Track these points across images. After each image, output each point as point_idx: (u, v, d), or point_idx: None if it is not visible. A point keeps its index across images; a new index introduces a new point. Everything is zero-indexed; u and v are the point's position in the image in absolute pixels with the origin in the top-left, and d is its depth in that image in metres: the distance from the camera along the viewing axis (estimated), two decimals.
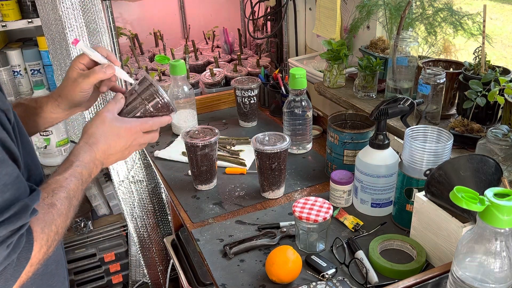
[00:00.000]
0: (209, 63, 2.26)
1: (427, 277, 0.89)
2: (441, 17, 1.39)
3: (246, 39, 2.52)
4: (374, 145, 1.16)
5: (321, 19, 1.76)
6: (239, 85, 1.69)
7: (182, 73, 1.62)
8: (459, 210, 0.92)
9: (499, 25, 2.63)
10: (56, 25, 1.67)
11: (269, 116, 1.84)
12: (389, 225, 1.18)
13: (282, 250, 1.02)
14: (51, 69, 2.13)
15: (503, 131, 1.05)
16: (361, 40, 1.74)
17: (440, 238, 0.99)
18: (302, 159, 1.52)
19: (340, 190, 1.23)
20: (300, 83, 1.45)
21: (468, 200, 0.68)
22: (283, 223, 1.19)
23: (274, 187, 1.30)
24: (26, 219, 0.68)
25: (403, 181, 1.10)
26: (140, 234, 2.05)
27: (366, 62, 1.48)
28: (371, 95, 1.52)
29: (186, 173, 1.46)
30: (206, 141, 1.28)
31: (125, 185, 1.91)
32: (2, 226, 0.64)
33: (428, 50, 1.49)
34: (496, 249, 0.70)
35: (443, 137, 1.09)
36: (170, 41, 2.43)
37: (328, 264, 1.03)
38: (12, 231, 0.66)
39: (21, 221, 0.67)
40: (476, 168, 0.96)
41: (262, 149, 1.24)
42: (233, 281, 1.03)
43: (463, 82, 1.26)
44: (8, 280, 0.68)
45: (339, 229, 1.17)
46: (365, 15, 1.56)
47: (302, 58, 1.93)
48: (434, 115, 1.30)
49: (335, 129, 1.32)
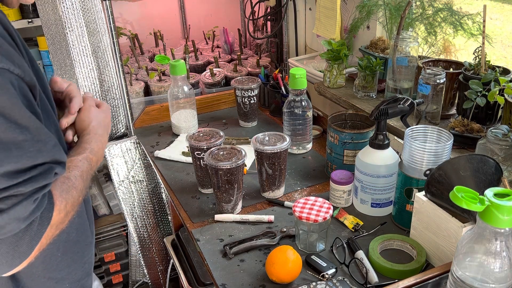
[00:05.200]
0: (209, 63, 2.26)
1: (427, 277, 0.89)
2: (441, 17, 1.39)
3: (246, 39, 2.52)
4: (374, 145, 1.16)
5: (321, 19, 1.76)
6: (239, 85, 1.69)
7: (182, 73, 1.62)
8: (459, 210, 0.93)
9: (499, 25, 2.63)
10: (56, 25, 1.67)
11: (269, 116, 1.84)
12: (389, 225, 1.18)
13: (282, 250, 1.02)
14: (51, 69, 2.13)
15: (503, 131, 1.05)
16: (361, 40, 1.74)
17: (440, 238, 0.99)
18: (302, 159, 1.52)
19: (340, 190, 1.23)
20: (300, 83, 1.45)
21: (468, 200, 0.68)
22: (288, 202, 1.28)
23: (274, 187, 1.30)
24: (50, 179, 0.74)
25: (403, 181, 1.10)
26: (140, 234, 2.05)
27: (366, 62, 1.48)
28: (371, 95, 1.52)
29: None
30: (211, 144, 1.28)
31: (125, 185, 1.91)
32: (29, 183, 0.70)
33: (428, 50, 1.49)
34: (496, 249, 0.70)
35: (443, 137, 1.09)
36: (170, 41, 2.43)
37: (328, 264, 1.03)
38: (37, 188, 0.71)
39: (45, 180, 0.73)
40: (476, 168, 0.96)
41: (262, 149, 1.24)
42: (233, 281, 1.03)
43: (463, 82, 1.26)
44: (32, 238, 0.72)
45: (339, 229, 1.17)
46: (365, 15, 1.56)
47: (302, 58, 1.93)
48: (434, 115, 1.30)
49: (335, 129, 1.32)
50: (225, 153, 1.21)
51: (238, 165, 1.18)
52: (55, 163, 0.75)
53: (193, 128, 1.69)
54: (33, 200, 0.71)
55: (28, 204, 0.70)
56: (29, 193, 0.70)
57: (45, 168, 0.73)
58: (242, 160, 1.19)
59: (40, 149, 0.72)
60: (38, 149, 0.71)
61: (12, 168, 0.68)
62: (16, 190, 0.68)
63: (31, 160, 0.70)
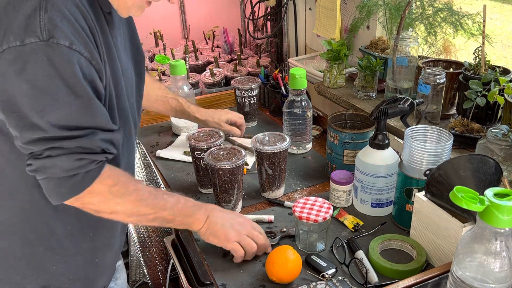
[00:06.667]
0: (209, 63, 2.26)
1: (427, 277, 0.89)
2: (441, 17, 1.39)
3: (246, 39, 2.52)
4: (374, 145, 1.16)
5: (321, 19, 1.76)
6: (239, 85, 1.69)
7: (182, 73, 1.62)
8: (459, 210, 0.92)
9: (499, 25, 2.63)
10: None
11: (269, 116, 1.84)
12: (389, 225, 1.18)
13: (282, 250, 1.02)
14: None
15: (503, 131, 1.05)
16: (361, 40, 1.74)
17: (440, 238, 0.99)
18: (302, 159, 1.52)
19: (340, 190, 1.23)
20: (300, 83, 1.45)
21: (468, 200, 0.68)
22: (288, 202, 1.28)
23: (274, 187, 1.30)
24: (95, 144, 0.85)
25: (403, 181, 1.10)
26: (140, 234, 2.05)
27: (366, 62, 1.48)
28: (371, 95, 1.52)
29: None
30: (211, 144, 1.28)
31: None
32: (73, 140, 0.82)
33: (428, 50, 1.49)
34: (496, 249, 0.70)
35: (443, 137, 1.09)
36: (170, 41, 2.43)
37: (328, 264, 1.03)
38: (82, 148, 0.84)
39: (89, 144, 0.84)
40: (476, 168, 0.96)
41: (262, 149, 1.24)
42: (233, 281, 1.03)
43: (463, 82, 1.26)
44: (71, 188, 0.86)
45: (339, 229, 1.17)
46: (365, 15, 1.56)
47: (302, 58, 1.93)
48: (434, 115, 1.30)
49: (335, 129, 1.32)
50: (225, 153, 1.21)
51: (238, 165, 1.18)
52: (101, 129, 0.86)
53: (193, 128, 1.69)
54: (76, 158, 0.83)
55: (70, 159, 0.83)
56: (73, 150, 0.83)
57: (89, 132, 0.84)
58: (242, 160, 1.19)
59: (87, 114, 0.83)
60: (85, 113, 0.83)
61: (60, 122, 0.80)
62: (61, 144, 0.82)
63: (76, 121, 0.82)
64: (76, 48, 0.79)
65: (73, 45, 0.79)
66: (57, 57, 0.77)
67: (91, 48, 0.83)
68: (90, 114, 0.84)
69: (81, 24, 0.81)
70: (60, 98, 0.79)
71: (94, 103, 0.84)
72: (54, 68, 0.77)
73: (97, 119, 0.85)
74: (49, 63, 0.77)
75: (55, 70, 0.77)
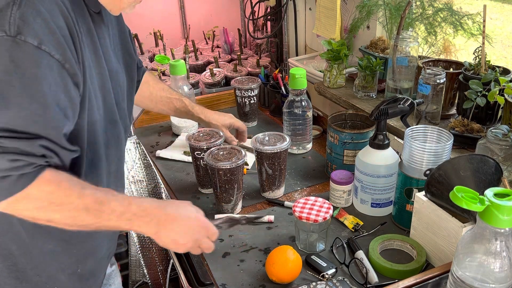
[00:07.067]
0: (209, 63, 2.26)
1: (427, 277, 0.89)
2: (441, 17, 1.39)
3: (246, 39, 2.52)
4: (374, 145, 1.16)
5: (321, 19, 1.76)
6: (239, 85, 1.69)
7: (182, 73, 1.62)
8: (459, 210, 0.92)
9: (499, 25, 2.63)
10: None
11: (269, 116, 1.84)
12: (389, 225, 1.18)
13: (282, 250, 1.02)
14: None
15: (503, 131, 1.05)
16: (361, 40, 1.74)
17: (440, 238, 0.99)
18: (302, 159, 1.52)
19: (340, 190, 1.23)
20: (300, 83, 1.45)
21: (468, 200, 0.68)
22: (288, 202, 1.28)
23: (274, 187, 1.30)
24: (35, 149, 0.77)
25: (403, 181, 1.10)
26: (140, 234, 2.05)
27: (366, 62, 1.48)
28: (371, 95, 1.52)
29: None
30: (211, 144, 1.28)
31: (125, 185, 1.91)
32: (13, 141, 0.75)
33: (428, 50, 1.49)
34: (496, 249, 0.70)
35: (443, 137, 1.09)
36: (170, 41, 2.43)
37: (328, 264, 1.03)
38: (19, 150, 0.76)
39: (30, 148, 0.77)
40: (476, 168, 0.96)
41: (262, 149, 1.24)
42: (233, 281, 1.03)
43: (463, 82, 1.26)
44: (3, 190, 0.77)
45: (339, 229, 1.17)
46: (365, 15, 1.56)
47: (302, 58, 1.92)
48: (434, 115, 1.30)
49: (335, 129, 1.32)
50: (225, 153, 1.21)
51: (238, 165, 1.18)
52: (46, 139, 0.78)
53: (193, 128, 1.69)
54: (10, 158, 0.76)
55: (3, 159, 0.75)
56: (9, 150, 0.75)
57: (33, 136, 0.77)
58: (242, 160, 1.19)
59: (38, 122, 0.77)
60: (35, 121, 0.76)
61: (5, 125, 0.74)
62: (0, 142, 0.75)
63: (22, 126, 0.76)
64: (45, 49, 0.75)
65: (42, 45, 0.74)
66: (20, 55, 0.73)
67: (65, 50, 0.78)
68: (41, 123, 0.77)
69: (58, 23, 0.77)
70: (12, 97, 0.74)
71: (50, 112, 0.78)
72: (14, 66, 0.73)
73: (47, 130, 0.78)
74: (11, 60, 0.73)
75: (15, 67, 0.73)
